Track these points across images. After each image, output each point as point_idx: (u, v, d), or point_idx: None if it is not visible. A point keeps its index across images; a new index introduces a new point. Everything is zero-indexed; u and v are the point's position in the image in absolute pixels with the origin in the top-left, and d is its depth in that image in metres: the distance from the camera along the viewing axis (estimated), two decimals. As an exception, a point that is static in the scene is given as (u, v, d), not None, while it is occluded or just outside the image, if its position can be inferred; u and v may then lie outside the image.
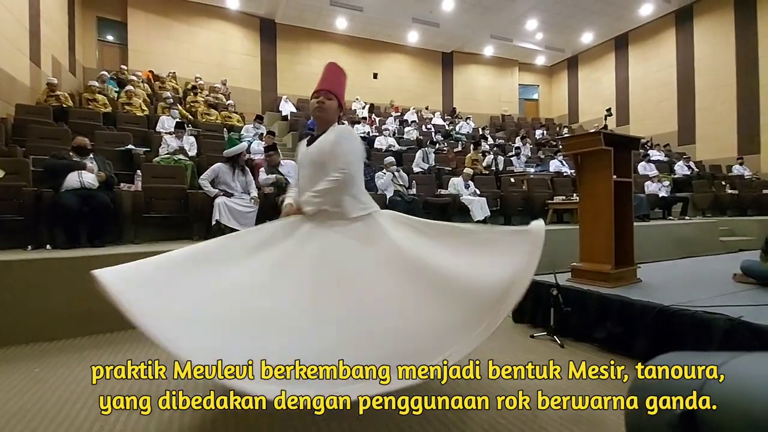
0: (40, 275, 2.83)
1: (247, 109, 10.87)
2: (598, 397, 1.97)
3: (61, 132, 5.34)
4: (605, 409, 1.89)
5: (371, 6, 12.09)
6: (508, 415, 1.83)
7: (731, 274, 3.04)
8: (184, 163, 5.24)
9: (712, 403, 0.51)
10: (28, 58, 7.22)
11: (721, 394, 0.51)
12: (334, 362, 1.44)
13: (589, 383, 2.17)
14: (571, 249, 3.19)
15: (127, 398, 1.98)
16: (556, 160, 8.61)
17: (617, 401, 1.93)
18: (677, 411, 0.53)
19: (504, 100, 16.48)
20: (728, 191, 8.53)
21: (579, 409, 1.89)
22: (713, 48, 11.70)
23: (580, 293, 2.76)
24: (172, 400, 1.98)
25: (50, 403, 1.91)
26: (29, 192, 3.61)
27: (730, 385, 0.51)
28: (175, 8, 11.64)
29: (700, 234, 6.36)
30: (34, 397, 1.98)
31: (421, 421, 1.79)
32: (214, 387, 2.14)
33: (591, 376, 2.26)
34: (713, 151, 11.62)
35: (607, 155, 2.85)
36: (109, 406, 1.90)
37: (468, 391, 2.04)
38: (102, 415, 1.80)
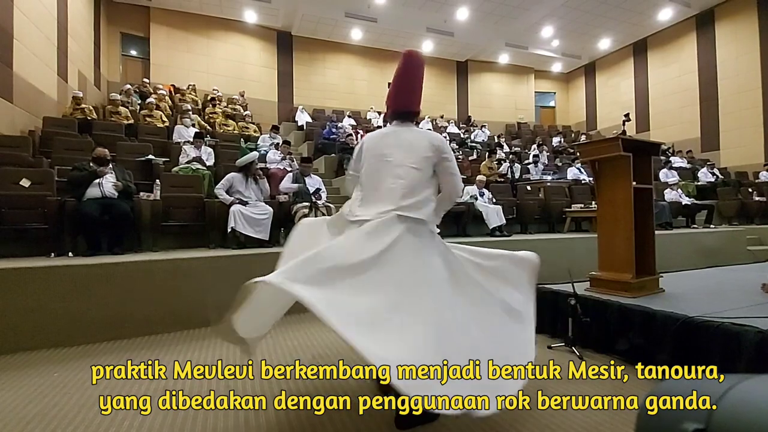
0: (62, 282, 2.90)
1: (264, 120, 11.06)
2: (597, 397, 1.96)
3: (84, 143, 5.51)
4: (605, 410, 1.86)
5: (385, 17, 12.22)
6: (509, 415, 1.81)
7: (760, 284, 2.91)
8: (202, 173, 5.34)
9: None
10: (56, 74, 7.51)
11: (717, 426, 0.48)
12: (482, 360, 1.48)
13: (588, 383, 2.15)
14: (590, 258, 3.11)
15: (127, 398, 2.00)
16: (574, 168, 8.47)
17: (617, 401, 1.92)
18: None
19: (520, 107, 16.36)
20: (755, 198, 8.23)
21: (579, 409, 1.87)
22: (736, 52, 11.40)
23: (599, 303, 2.68)
24: (172, 400, 1.99)
25: (68, 407, 1.94)
26: (53, 201, 3.73)
27: (723, 416, 0.49)
28: (195, 23, 11.99)
29: (726, 243, 6.14)
30: (53, 401, 2.01)
31: (445, 419, 1.77)
32: (215, 387, 2.16)
33: (591, 376, 2.24)
34: (739, 157, 11.26)
35: (625, 161, 2.78)
36: (109, 406, 1.93)
37: None
38: (118, 419, 1.81)
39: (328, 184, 7.65)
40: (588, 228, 6.58)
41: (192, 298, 3.25)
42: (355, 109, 12.84)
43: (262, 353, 2.68)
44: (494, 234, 5.71)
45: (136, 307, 3.08)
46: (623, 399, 1.94)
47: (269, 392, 2.10)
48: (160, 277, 3.19)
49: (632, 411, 1.86)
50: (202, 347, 2.83)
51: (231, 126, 8.82)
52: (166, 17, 11.60)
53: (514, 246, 2.70)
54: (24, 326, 2.78)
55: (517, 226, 6.50)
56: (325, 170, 8.13)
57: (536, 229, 6.74)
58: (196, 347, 2.83)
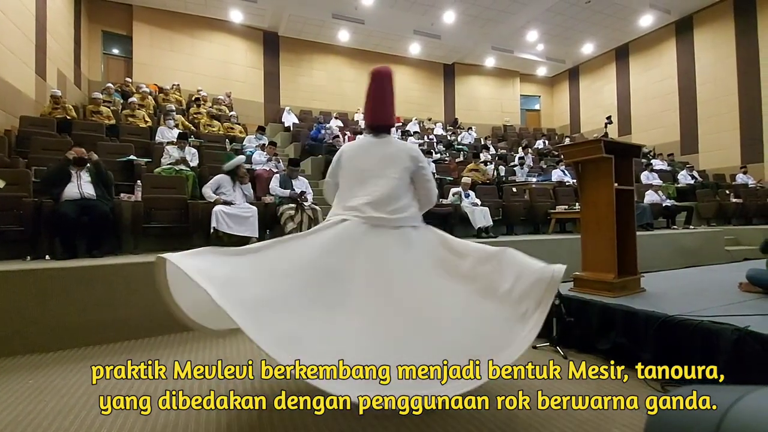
0: (39, 286, 2.81)
1: (250, 121, 10.96)
2: (598, 397, 1.97)
3: (63, 143, 5.36)
4: (605, 410, 1.87)
5: (373, 19, 12.24)
6: (508, 415, 1.82)
7: (737, 283, 2.99)
8: (186, 174, 5.26)
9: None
10: (34, 72, 7.32)
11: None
12: (401, 362, 1.41)
13: (588, 383, 2.17)
14: (574, 258, 3.15)
15: (127, 398, 1.98)
16: (558, 170, 8.59)
17: (617, 401, 1.93)
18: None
19: (506, 110, 16.55)
20: (733, 200, 8.46)
21: (579, 409, 1.88)
22: (714, 58, 11.73)
23: (582, 303, 2.71)
24: (172, 400, 1.98)
25: (42, 415, 1.87)
26: (29, 203, 3.62)
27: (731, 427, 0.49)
28: (180, 22, 11.82)
29: (704, 243, 6.29)
30: (28, 408, 1.95)
31: (420, 421, 1.77)
32: (215, 387, 2.15)
33: (591, 376, 2.26)
34: (717, 160, 11.58)
35: (608, 163, 2.83)
36: (110, 406, 1.91)
37: (480, 394, 2.03)
38: (95, 424, 1.77)
39: (315, 186, 7.61)
40: (572, 229, 6.68)
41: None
42: (343, 111, 12.81)
43: (262, 353, 2.66)
44: (480, 235, 5.74)
45: (117, 311, 3.00)
46: (623, 399, 1.96)
47: (269, 392, 2.09)
48: (141, 280, 3.12)
49: (632, 411, 1.87)
50: (185, 351, 2.77)
51: (216, 127, 8.70)
52: (150, 15, 11.41)
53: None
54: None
55: (503, 228, 6.56)
56: (311, 172, 8.08)
57: (522, 230, 6.81)
58: (179, 351, 2.78)
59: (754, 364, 1.83)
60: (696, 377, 1.93)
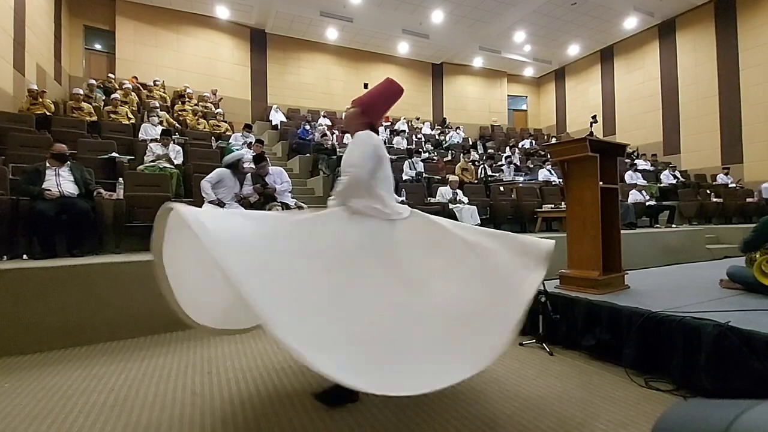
0: (15, 286, 2.72)
1: (237, 119, 10.81)
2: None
3: (42, 140, 5.23)
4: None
5: (361, 17, 12.19)
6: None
7: (718, 281, 3.05)
8: (170, 171, 5.16)
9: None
10: (12, 66, 7.10)
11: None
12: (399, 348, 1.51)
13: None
14: (560, 256, 3.17)
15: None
16: (545, 170, 8.68)
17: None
18: None
19: (493, 110, 16.66)
20: (713, 200, 8.66)
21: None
22: (696, 60, 11.99)
23: (568, 300, 2.74)
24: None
25: (19, 419, 1.82)
26: (6, 201, 3.50)
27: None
28: (165, 18, 11.60)
29: (686, 242, 6.42)
30: (3, 411, 1.89)
31: (420, 420, 1.77)
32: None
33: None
34: (698, 160, 11.83)
35: (593, 162, 2.86)
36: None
37: (468, 391, 2.04)
38: (74, 428, 1.71)
39: (303, 185, 7.56)
40: (558, 228, 6.75)
41: (156, 302, 3.10)
42: (331, 109, 12.74)
43: (261, 354, 2.65)
44: (468, 234, 5.76)
45: (97, 312, 2.93)
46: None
47: (269, 392, 2.08)
48: (123, 280, 3.05)
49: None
50: (168, 353, 2.72)
51: (201, 124, 8.58)
52: (134, 10, 11.17)
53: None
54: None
55: (490, 226, 6.57)
56: (299, 170, 8.02)
57: (509, 228, 6.83)
58: (162, 352, 2.72)
59: (733, 359, 1.86)
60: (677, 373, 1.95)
